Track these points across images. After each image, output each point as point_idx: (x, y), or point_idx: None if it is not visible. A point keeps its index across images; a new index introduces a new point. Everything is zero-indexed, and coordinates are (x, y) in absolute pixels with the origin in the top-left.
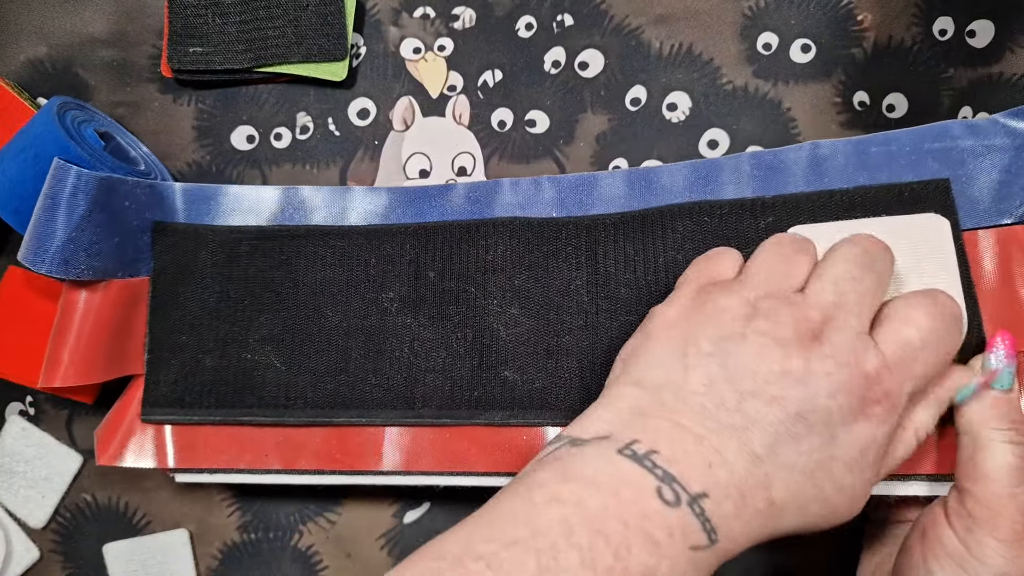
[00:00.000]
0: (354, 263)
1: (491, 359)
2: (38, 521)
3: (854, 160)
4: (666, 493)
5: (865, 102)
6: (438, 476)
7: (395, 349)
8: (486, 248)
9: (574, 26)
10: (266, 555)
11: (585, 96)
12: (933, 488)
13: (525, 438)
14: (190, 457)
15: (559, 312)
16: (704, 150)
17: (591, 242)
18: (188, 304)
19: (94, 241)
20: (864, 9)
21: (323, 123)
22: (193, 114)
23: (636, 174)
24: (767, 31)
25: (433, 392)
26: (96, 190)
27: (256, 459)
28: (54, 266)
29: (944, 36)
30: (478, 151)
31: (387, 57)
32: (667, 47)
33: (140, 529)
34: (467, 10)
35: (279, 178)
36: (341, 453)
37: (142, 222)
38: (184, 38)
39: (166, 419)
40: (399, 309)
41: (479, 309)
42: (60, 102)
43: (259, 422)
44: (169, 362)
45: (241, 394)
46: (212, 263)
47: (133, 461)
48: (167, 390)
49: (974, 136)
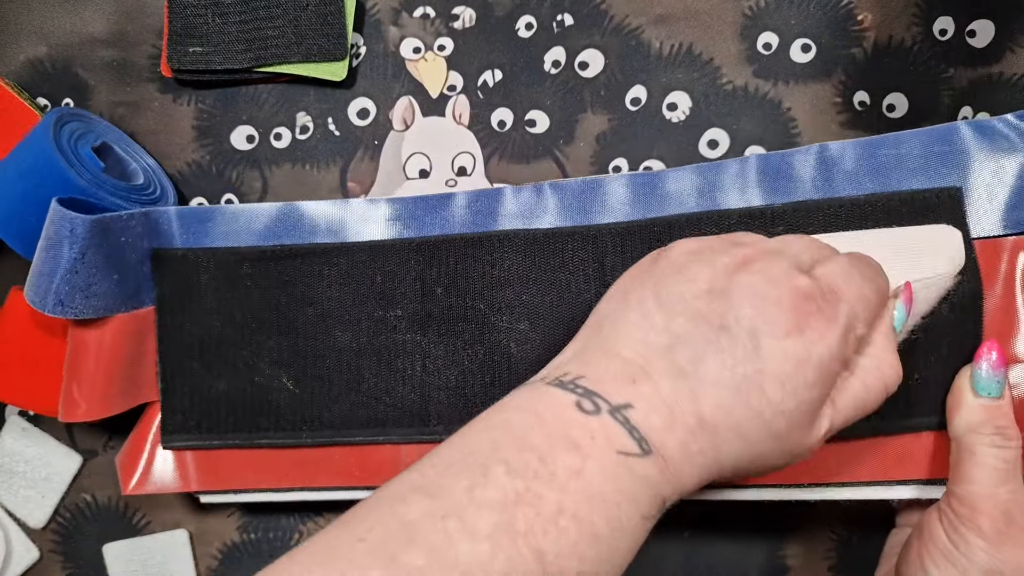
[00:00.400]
0: (359, 281)
1: (503, 376)
2: (38, 521)
3: (863, 164)
4: (585, 405)
5: (865, 102)
6: None
7: (407, 367)
8: (492, 263)
9: (574, 26)
10: (266, 555)
11: (585, 96)
12: (926, 491)
13: None
14: (213, 480)
15: (568, 327)
16: (704, 150)
17: (598, 253)
18: (194, 330)
19: (90, 282)
20: (864, 9)
21: (323, 123)
22: (193, 114)
23: (640, 179)
24: (767, 31)
25: (447, 409)
26: (88, 233)
27: (277, 479)
28: (52, 306)
29: (944, 36)
30: (478, 151)
31: (387, 57)
32: (667, 47)
33: (140, 529)
34: (467, 10)
35: (279, 178)
36: (360, 470)
37: (140, 253)
38: (184, 38)
39: (186, 445)
40: (407, 327)
41: (488, 326)
42: (57, 115)
43: (276, 444)
44: (182, 389)
45: (256, 418)
46: (214, 287)
47: (158, 488)
48: (184, 417)
49: (984, 138)
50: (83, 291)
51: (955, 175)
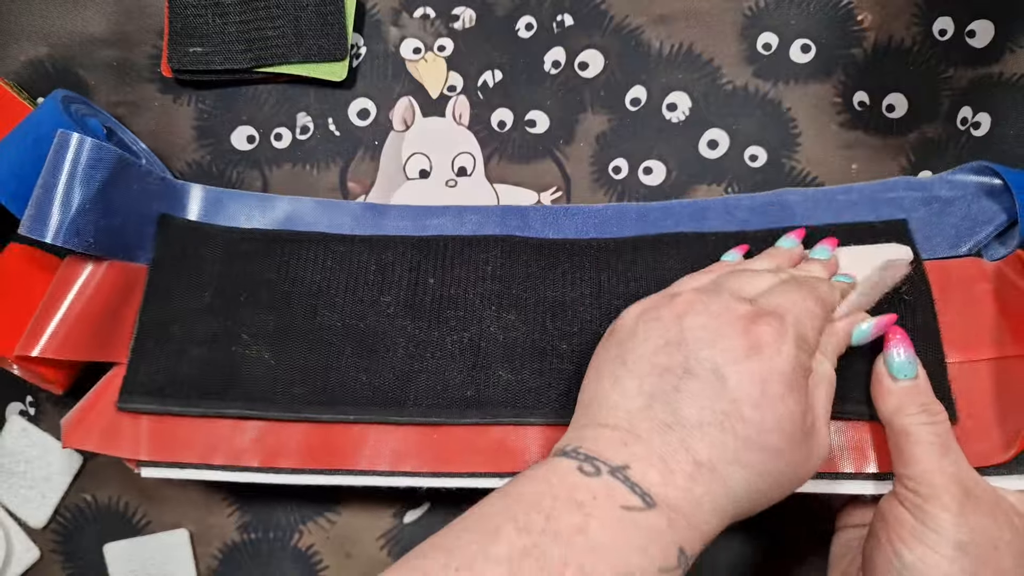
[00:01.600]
0: (354, 267)
1: (486, 359)
2: (38, 521)
3: (823, 204)
4: (587, 468)
5: (865, 102)
6: (422, 478)
7: (389, 350)
8: (486, 260)
9: (574, 26)
10: (266, 555)
11: (585, 96)
12: (879, 487)
13: (512, 439)
14: (161, 449)
15: (555, 320)
16: (704, 150)
17: (590, 259)
18: (183, 297)
19: (105, 215)
20: (864, 9)
21: (323, 123)
22: (193, 114)
23: (642, 210)
24: (767, 31)
25: (425, 391)
26: (114, 164)
27: (232, 456)
28: (66, 235)
29: (944, 36)
30: (478, 151)
31: (387, 57)
32: (667, 47)
33: (140, 529)
34: (467, 10)
35: (279, 178)
36: (324, 452)
37: (148, 210)
38: (184, 38)
39: (144, 407)
40: (395, 312)
41: (477, 314)
42: (64, 94)
43: (242, 415)
44: (155, 351)
45: (227, 387)
46: (212, 260)
47: (99, 446)
48: (148, 379)
49: (919, 190)
50: (95, 223)
51: (900, 215)
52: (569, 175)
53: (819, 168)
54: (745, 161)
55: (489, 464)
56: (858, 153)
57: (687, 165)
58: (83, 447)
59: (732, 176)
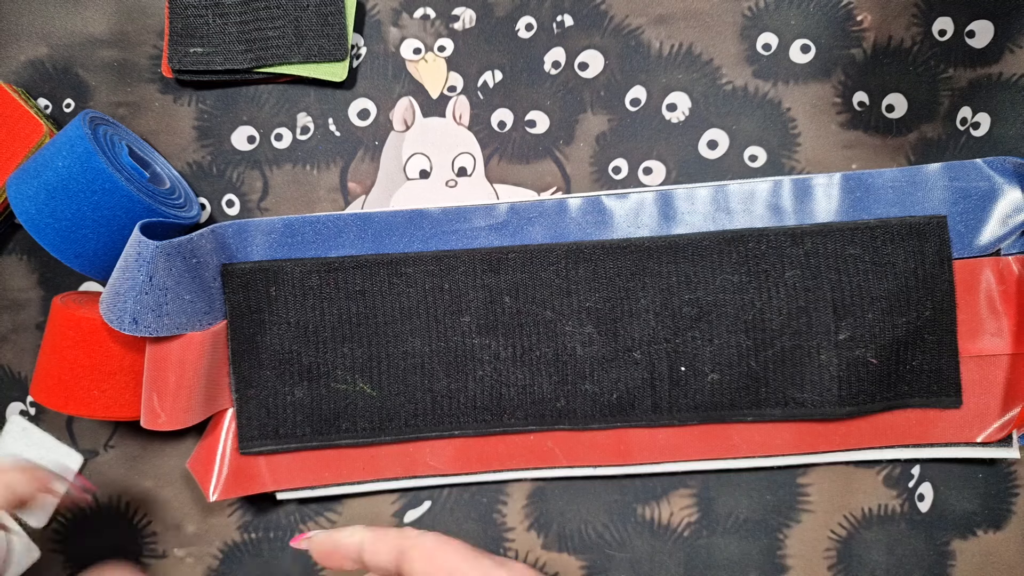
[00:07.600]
0: (428, 289)
1: (571, 375)
2: (39, 521)
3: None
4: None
5: (865, 102)
6: (522, 472)
7: (477, 369)
8: (557, 272)
9: (574, 26)
10: (266, 555)
11: (585, 96)
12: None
13: (605, 437)
14: (288, 479)
15: (629, 329)
16: (704, 150)
17: (654, 264)
18: (267, 341)
19: (160, 303)
20: (864, 9)
21: (323, 123)
22: (193, 114)
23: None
24: (767, 31)
25: (519, 405)
26: (154, 258)
27: (351, 473)
28: (125, 325)
29: (944, 36)
30: (478, 151)
31: (387, 57)
32: (667, 47)
33: (141, 529)
34: (467, 11)
35: (279, 178)
36: (433, 459)
37: (213, 270)
38: (184, 38)
39: (263, 450)
40: (477, 331)
41: (555, 330)
42: (91, 115)
43: (354, 444)
44: (257, 398)
45: (335, 422)
46: (284, 298)
47: (239, 492)
48: (260, 424)
49: (961, 179)
50: (154, 311)
51: (940, 208)
52: (569, 175)
53: (819, 168)
54: (745, 161)
55: (590, 459)
56: (858, 153)
57: (687, 165)
58: (234, 496)
59: (732, 176)
